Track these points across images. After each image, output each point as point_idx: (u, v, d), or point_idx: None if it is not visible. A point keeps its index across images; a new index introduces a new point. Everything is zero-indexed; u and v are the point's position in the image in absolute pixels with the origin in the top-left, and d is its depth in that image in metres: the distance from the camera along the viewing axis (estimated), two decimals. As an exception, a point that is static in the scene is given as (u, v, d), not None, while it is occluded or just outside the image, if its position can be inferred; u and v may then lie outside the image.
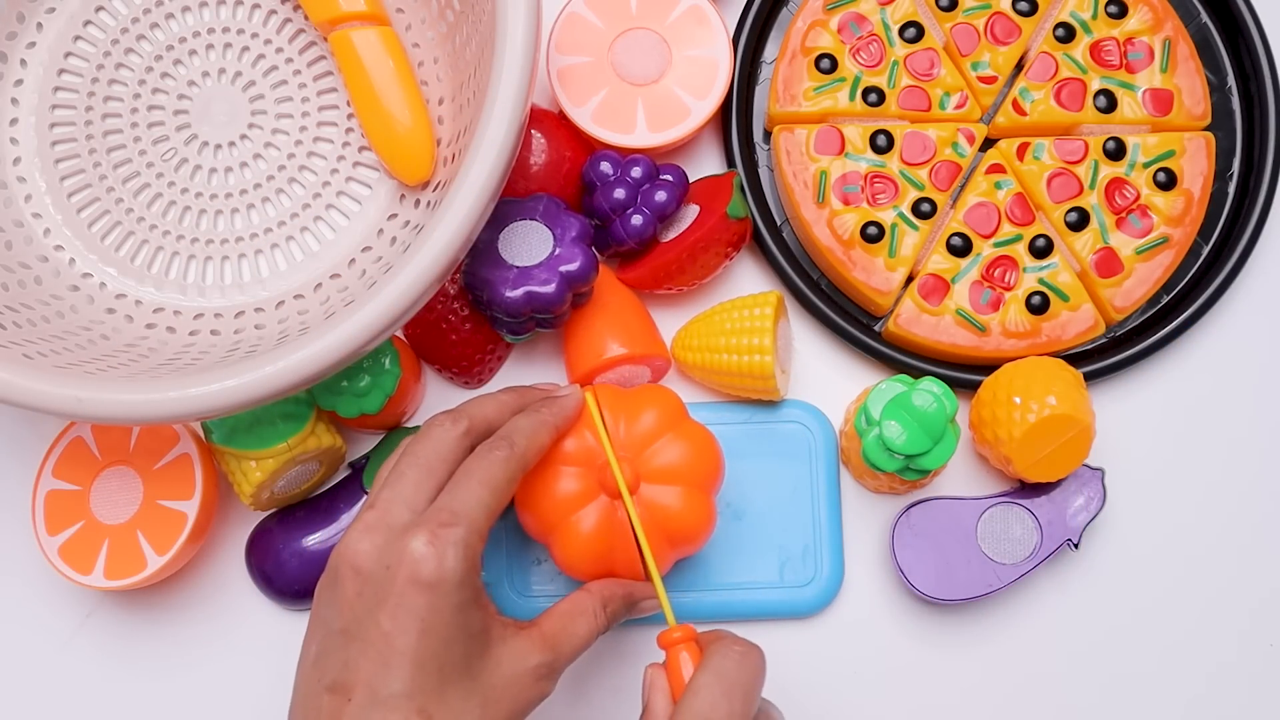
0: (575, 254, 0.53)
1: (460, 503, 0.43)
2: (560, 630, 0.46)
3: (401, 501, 0.44)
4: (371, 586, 0.42)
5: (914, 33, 0.59)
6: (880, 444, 0.52)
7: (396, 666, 0.40)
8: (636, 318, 0.57)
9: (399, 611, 0.41)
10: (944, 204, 0.58)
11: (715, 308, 0.57)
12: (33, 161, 0.56)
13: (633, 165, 0.56)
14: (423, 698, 0.40)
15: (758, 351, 0.54)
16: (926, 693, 0.57)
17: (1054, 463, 0.54)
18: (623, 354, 0.55)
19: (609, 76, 0.58)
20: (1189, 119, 0.59)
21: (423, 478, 0.44)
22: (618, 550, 0.49)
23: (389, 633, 0.41)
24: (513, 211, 0.54)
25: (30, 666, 0.58)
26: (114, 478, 0.54)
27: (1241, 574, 0.58)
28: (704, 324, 0.56)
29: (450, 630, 0.41)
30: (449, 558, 0.41)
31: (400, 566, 0.41)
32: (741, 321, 0.55)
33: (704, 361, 0.56)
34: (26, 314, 0.52)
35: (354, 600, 0.42)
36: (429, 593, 0.41)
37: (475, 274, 0.53)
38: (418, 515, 0.43)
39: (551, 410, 0.48)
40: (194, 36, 0.57)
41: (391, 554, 0.42)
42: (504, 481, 0.45)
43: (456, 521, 0.42)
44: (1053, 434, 0.53)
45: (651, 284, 0.57)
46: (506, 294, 0.52)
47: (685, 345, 0.57)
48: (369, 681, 0.41)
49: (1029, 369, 0.55)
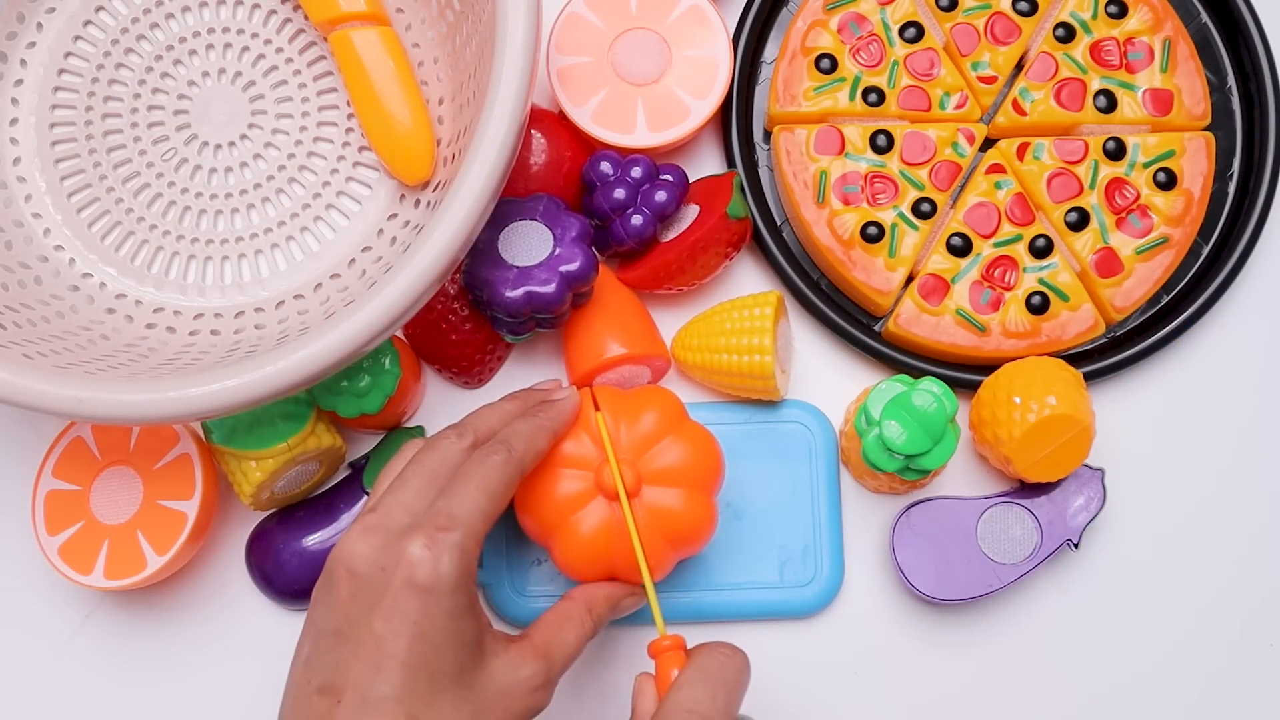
0: (575, 254, 0.53)
1: (457, 507, 0.43)
2: (550, 640, 0.46)
3: (401, 507, 0.44)
4: (366, 589, 0.42)
5: (914, 33, 0.59)
6: (880, 444, 0.52)
7: (387, 670, 0.40)
8: (637, 318, 0.57)
9: (392, 614, 0.41)
10: (944, 204, 0.58)
11: (715, 308, 0.57)
12: (33, 161, 0.56)
13: (633, 165, 0.56)
14: (412, 702, 0.40)
15: (758, 351, 0.54)
16: (926, 693, 0.57)
17: (1054, 463, 0.54)
18: (623, 354, 0.55)
19: (609, 76, 0.58)
20: (1189, 119, 0.59)
21: (425, 486, 0.44)
22: (617, 552, 0.49)
23: (381, 635, 0.41)
24: (513, 211, 0.54)
25: (30, 666, 0.58)
26: (114, 478, 0.54)
27: (1241, 574, 0.58)
28: (704, 324, 0.56)
29: (443, 636, 0.41)
30: (444, 562, 0.41)
31: (396, 569, 0.41)
32: (741, 321, 0.55)
33: (704, 361, 0.56)
34: (26, 314, 0.52)
35: (348, 602, 0.42)
36: (423, 596, 0.41)
37: (475, 274, 0.53)
38: (416, 519, 0.43)
39: (549, 415, 0.48)
40: (194, 36, 0.57)
41: (388, 556, 0.42)
42: (501, 486, 0.45)
43: (453, 526, 0.42)
44: (1053, 434, 0.53)
45: (651, 284, 0.57)
46: (506, 294, 0.52)
47: (685, 345, 0.57)
48: (359, 684, 0.40)
49: (1029, 369, 0.55)
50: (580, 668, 0.57)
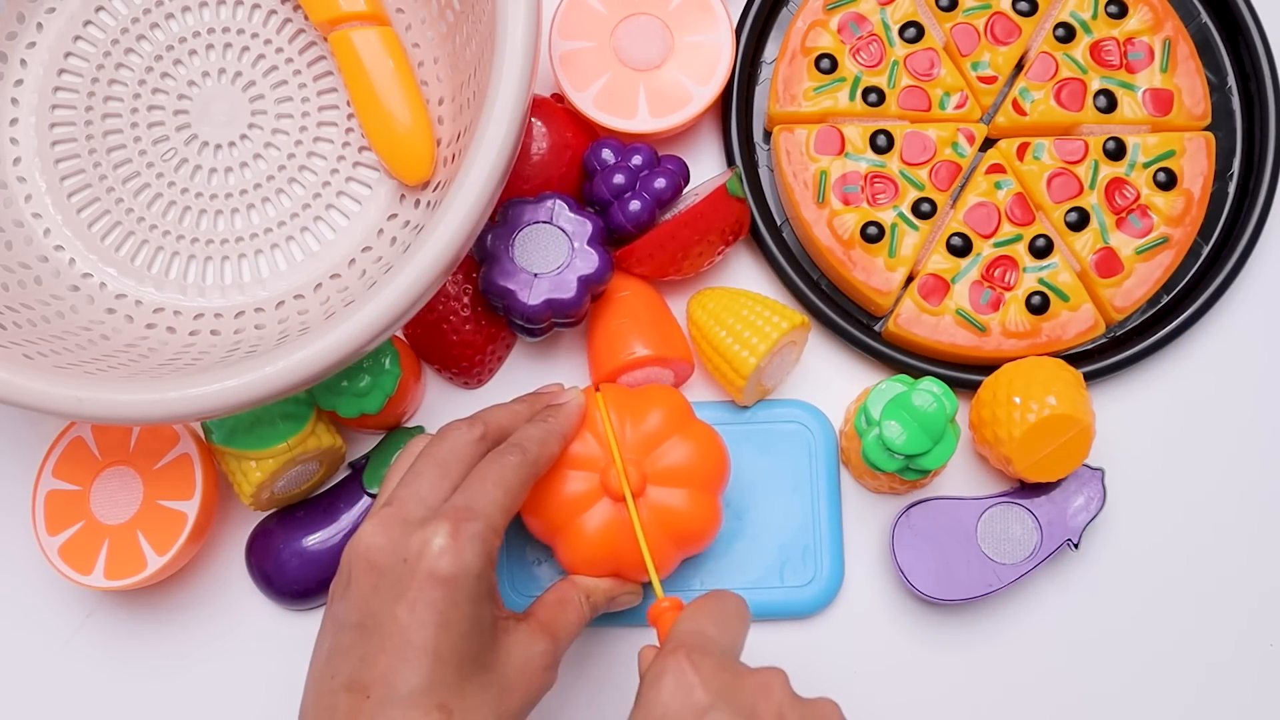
0: (592, 257, 0.53)
1: (477, 500, 0.43)
2: (554, 619, 0.46)
3: (417, 499, 0.44)
4: (388, 580, 0.42)
5: (914, 33, 0.59)
6: (880, 444, 0.52)
7: (414, 661, 0.40)
8: (662, 320, 0.57)
9: (418, 605, 0.41)
10: (944, 204, 0.58)
11: (745, 292, 0.57)
12: (33, 161, 0.56)
13: (634, 153, 0.56)
14: (441, 692, 0.40)
15: (750, 351, 0.53)
16: (926, 692, 0.57)
17: (1054, 463, 0.54)
18: (647, 355, 0.55)
19: (611, 62, 0.58)
20: (1189, 119, 0.59)
21: (438, 478, 0.45)
22: (622, 551, 0.49)
23: (406, 626, 0.41)
24: (525, 215, 0.54)
25: (30, 666, 0.58)
26: (114, 478, 0.54)
27: (1241, 574, 0.58)
28: (727, 298, 0.56)
29: (466, 624, 0.41)
30: (467, 552, 0.41)
31: (419, 560, 0.41)
32: (756, 318, 0.54)
33: (706, 325, 0.55)
34: (26, 314, 0.52)
35: (369, 595, 0.42)
36: (447, 586, 0.41)
37: (493, 283, 0.53)
38: (433, 512, 0.43)
39: (559, 419, 0.49)
40: (194, 36, 0.57)
41: (409, 548, 0.42)
42: (517, 485, 0.45)
43: (475, 517, 0.42)
44: (1053, 434, 0.53)
45: (646, 258, 0.56)
46: (528, 302, 0.52)
47: (702, 303, 0.57)
48: (386, 677, 0.40)
49: (1029, 369, 0.55)
50: (581, 667, 0.57)
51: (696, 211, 0.54)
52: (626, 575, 0.50)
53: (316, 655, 0.43)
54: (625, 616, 0.54)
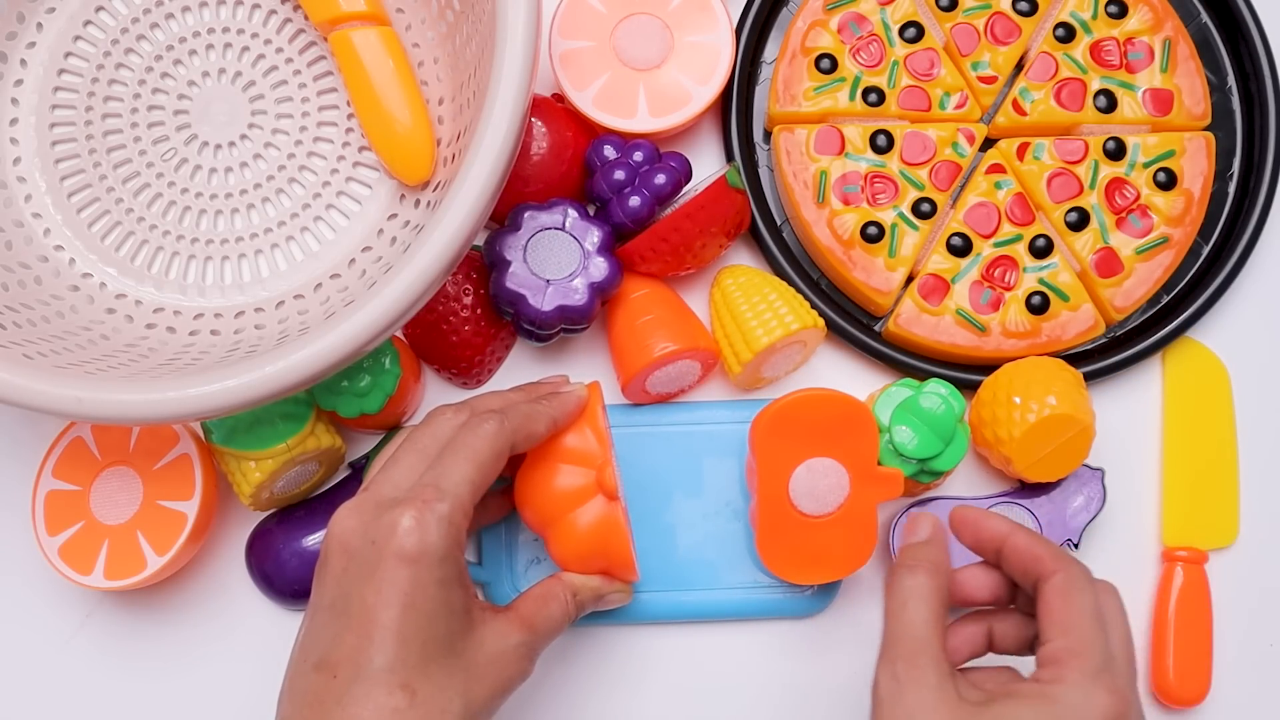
0: (602, 264, 0.54)
1: (445, 479, 0.43)
2: (536, 613, 0.46)
3: (391, 483, 0.44)
4: (357, 562, 0.42)
5: (914, 33, 0.59)
6: (892, 450, 0.52)
7: (380, 640, 0.41)
8: (679, 314, 0.56)
9: (383, 586, 0.41)
10: (944, 204, 0.58)
11: (772, 279, 0.57)
12: (33, 161, 0.56)
13: (635, 150, 0.56)
14: (405, 672, 0.41)
15: (766, 331, 0.53)
16: (926, 693, 0.57)
17: (1054, 463, 0.54)
18: (673, 350, 0.55)
19: (611, 61, 0.58)
20: (1189, 119, 0.59)
21: (416, 462, 0.45)
22: (613, 549, 0.49)
23: (373, 606, 0.41)
24: (535, 221, 0.54)
25: (30, 666, 0.58)
26: (114, 478, 0.54)
27: (1241, 574, 0.58)
28: (754, 279, 0.56)
29: (433, 605, 0.42)
30: (433, 532, 0.42)
31: (387, 542, 0.42)
32: (773, 307, 0.54)
33: (732, 295, 0.55)
34: (26, 314, 0.52)
35: (340, 576, 0.42)
36: (412, 566, 0.41)
37: (504, 288, 0.53)
38: (404, 493, 0.43)
39: (552, 404, 0.48)
40: (194, 36, 0.57)
41: (377, 530, 0.42)
42: (490, 456, 0.45)
43: (440, 497, 0.43)
44: (1053, 434, 0.53)
45: (649, 253, 0.56)
46: (540, 309, 0.52)
47: (735, 274, 0.57)
48: (353, 656, 0.41)
49: (1029, 369, 0.55)
50: (578, 667, 0.57)
51: (697, 204, 0.54)
52: (616, 574, 0.50)
53: (296, 638, 0.44)
54: (616, 615, 0.54)
